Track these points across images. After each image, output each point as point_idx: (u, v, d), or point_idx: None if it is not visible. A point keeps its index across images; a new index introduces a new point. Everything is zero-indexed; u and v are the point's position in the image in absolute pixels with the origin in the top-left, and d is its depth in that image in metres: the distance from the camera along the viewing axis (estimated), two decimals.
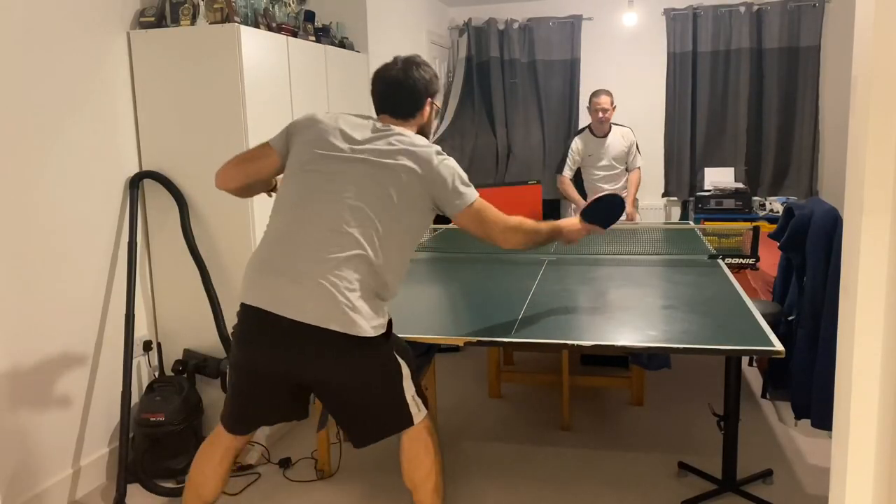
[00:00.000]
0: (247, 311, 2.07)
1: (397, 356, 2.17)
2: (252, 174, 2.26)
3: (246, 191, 2.33)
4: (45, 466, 2.80)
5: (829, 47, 5.81)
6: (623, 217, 4.96)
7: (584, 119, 6.35)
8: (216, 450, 2.25)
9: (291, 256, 2.04)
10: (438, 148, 2.18)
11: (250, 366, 2.12)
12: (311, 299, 1.98)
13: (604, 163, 4.97)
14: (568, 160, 5.13)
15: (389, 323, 2.17)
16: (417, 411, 2.21)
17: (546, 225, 2.37)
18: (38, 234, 2.74)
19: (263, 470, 3.11)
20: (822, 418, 3.01)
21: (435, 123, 2.43)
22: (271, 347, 2.05)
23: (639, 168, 5.05)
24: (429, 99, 2.28)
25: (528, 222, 2.28)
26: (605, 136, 4.95)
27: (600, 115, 4.83)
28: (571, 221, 2.49)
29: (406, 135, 2.17)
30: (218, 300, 3.20)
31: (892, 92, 1.10)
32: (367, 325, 2.02)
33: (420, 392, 2.25)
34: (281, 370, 2.08)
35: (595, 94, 4.89)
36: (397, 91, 2.23)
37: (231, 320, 3.26)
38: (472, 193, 2.17)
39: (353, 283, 2.01)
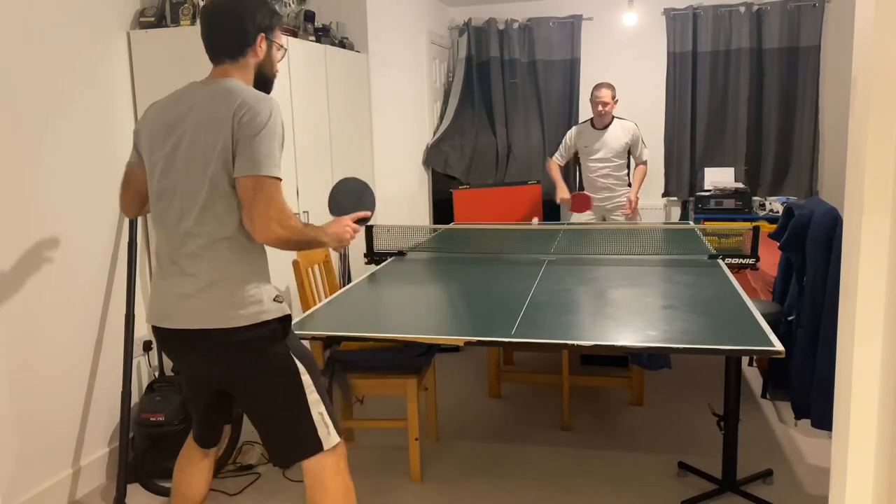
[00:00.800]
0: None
1: (296, 360, 2.00)
2: (139, 194, 2.10)
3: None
4: (46, 466, 2.79)
5: (829, 47, 5.81)
6: (625, 205, 4.99)
7: (584, 118, 6.36)
8: (194, 450, 2.23)
9: (157, 268, 2.03)
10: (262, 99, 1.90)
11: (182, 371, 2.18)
12: (176, 303, 1.94)
13: (600, 155, 4.97)
14: (560, 147, 5.16)
15: (283, 320, 2.00)
16: (327, 434, 2.01)
17: (311, 228, 2.05)
18: (37, 234, 2.74)
19: (263, 470, 3.11)
20: (822, 418, 3.01)
21: (277, 66, 2.10)
22: (175, 357, 2.08)
23: (646, 162, 5.05)
24: (261, 35, 2.00)
25: (297, 219, 1.96)
26: (605, 128, 4.95)
27: (599, 108, 4.86)
28: (329, 225, 2.14)
29: (225, 86, 1.93)
30: None
31: (892, 92, 1.10)
32: (231, 313, 1.90)
33: (331, 411, 2.05)
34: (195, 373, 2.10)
35: (596, 86, 4.93)
36: (212, 25, 1.98)
37: None
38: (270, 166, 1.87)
39: (202, 273, 1.91)
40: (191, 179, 1.91)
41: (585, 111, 6.33)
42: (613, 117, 4.97)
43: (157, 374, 3.32)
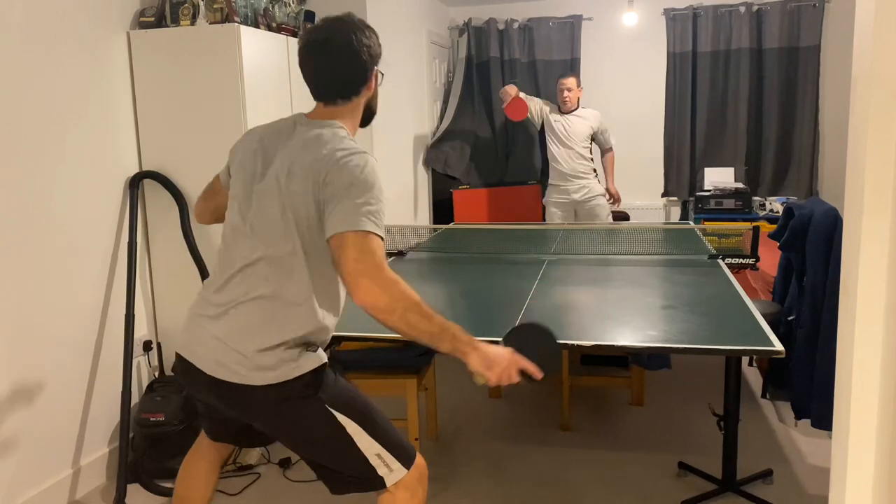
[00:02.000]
0: None
1: (334, 412, 1.78)
2: (218, 209, 2.04)
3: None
4: (46, 466, 2.80)
5: (829, 47, 5.81)
6: (607, 199, 5.09)
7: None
8: (201, 461, 2.13)
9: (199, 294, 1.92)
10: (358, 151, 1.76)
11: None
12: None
13: (565, 139, 5.11)
14: (539, 101, 5.29)
15: (317, 374, 1.79)
16: (388, 472, 1.83)
17: (446, 323, 1.81)
18: (37, 234, 2.74)
19: (263, 470, 3.11)
20: (822, 418, 3.01)
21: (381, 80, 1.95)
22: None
23: (611, 148, 5.24)
24: (375, 68, 1.86)
25: (421, 303, 1.74)
26: (570, 113, 5.12)
27: (565, 94, 5.05)
28: (494, 349, 1.86)
29: (321, 135, 1.77)
30: None
31: (892, 92, 1.10)
32: (258, 372, 1.73)
33: (396, 445, 1.85)
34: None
35: (562, 74, 5.18)
36: (326, 63, 1.79)
37: None
38: (366, 223, 1.66)
39: (247, 328, 1.75)
40: (263, 226, 1.76)
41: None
42: (578, 105, 5.14)
43: (157, 374, 3.32)
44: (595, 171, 5.18)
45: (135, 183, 3.17)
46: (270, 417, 1.79)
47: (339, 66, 1.79)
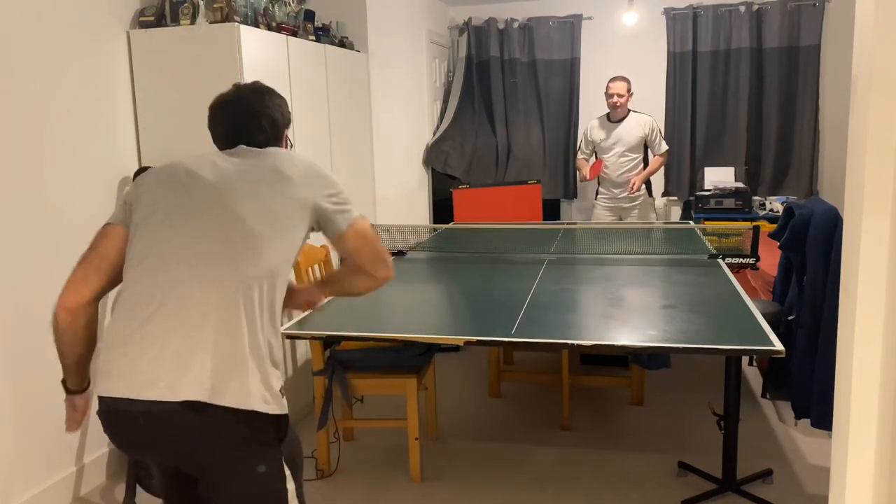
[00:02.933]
0: None
1: (286, 470, 1.65)
2: (115, 269, 1.85)
3: None
4: (49, 463, 2.79)
5: (829, 47, 5.81)
6: (637, 206, 4.99)
7: (584, 119, 6.36)
8: None
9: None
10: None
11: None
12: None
13: (617, 150, 4.99)
14: (581, 143, 5.21)
15: (279, 418, 1.63)
16: None
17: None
18: (37, 233, 2.74)
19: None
20: (822, 418, 3.01)
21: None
22: None
23: (665, 153, 5.11)
24: (286, 132, 1.90)
25: None
26: (620, 121, 4.96)
27: (614, 100, 4.88)
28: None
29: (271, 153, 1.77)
30: None
31: (892, 92, 1.10)
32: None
33: None
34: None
35: (611, 79, 4.96)
36: (250, 118, 1.81)
37: None
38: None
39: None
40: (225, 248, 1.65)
41: (585, 111, 6.34)
42: (630, 111, 4.97)
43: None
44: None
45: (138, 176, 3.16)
46: (222, 458, 1.58)
47: (256, 125, 1.82)
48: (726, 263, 3.34)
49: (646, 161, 5.15)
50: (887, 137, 1.11)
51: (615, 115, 4.96)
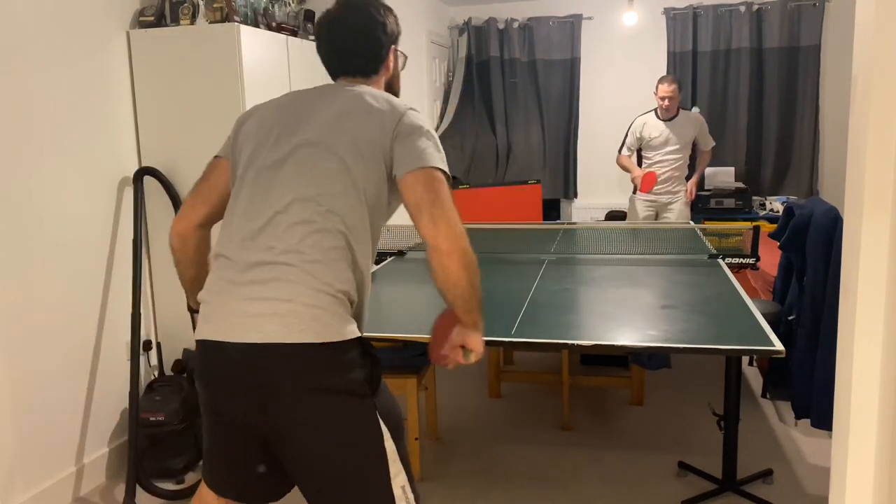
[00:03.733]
0: None
1: (381, 423, 1.58)
2: (218, 204, 1.80)
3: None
4: (49, 463, 2.79)
5: (829, 47, 5.81)
6: (678, 200, 4.97)
7: (584, 118, 6.37)
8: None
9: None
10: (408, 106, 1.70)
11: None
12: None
13: (668, 148, 4.96)
14: (626, 139, 5.11)
15: (372, 367, 1.59)
16: None
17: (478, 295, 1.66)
18: (36, 233, 2.74)
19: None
20: (822, 418, 3.01)
21: (403, 62, 1.91)
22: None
23: (710, 150, 5.11)
24: (392, 46, 1.81)
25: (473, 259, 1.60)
26: (671, 119, 4.95)
27: (666, 102, 4.87)
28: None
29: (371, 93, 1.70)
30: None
31: (892, 92, 1.10)
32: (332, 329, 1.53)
33: (413, 479, 1.65)
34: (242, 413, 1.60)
35: (660, 80, 4.93)
36: (340, 40, 1.76)
37: None
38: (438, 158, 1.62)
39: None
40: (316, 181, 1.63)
41: (586, 111, 6.35)
42: (679, 109, 4.97)
43: (156, 373, 3.32)
44: (688, 176, 5.09)
45: (138, 178, 3.16)
46: (313, 411, 1.52)
47: (355, 42, 1.75)
48: (726, 263, 3.34)
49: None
50: (887, 137, 1.11)
51: (665, 114, 4.94)
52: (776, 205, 5.67)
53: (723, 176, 5.91)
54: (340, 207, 1.57)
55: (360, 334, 1.59)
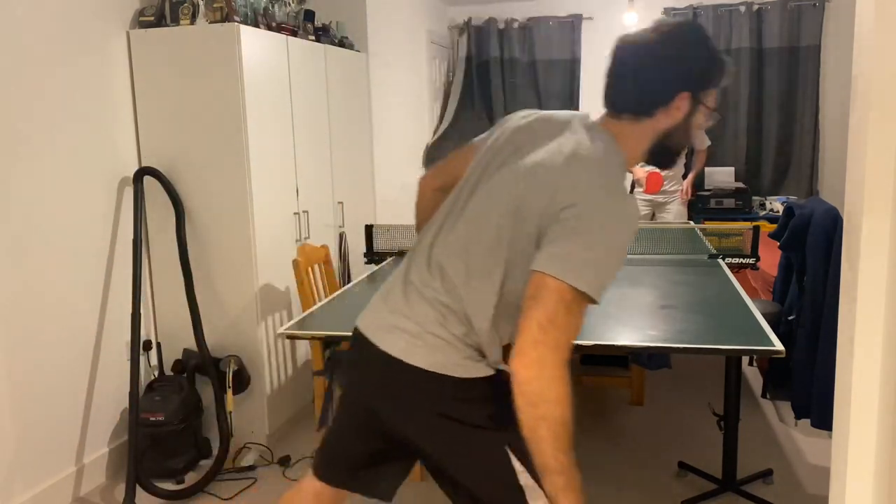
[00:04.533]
0: None
1: (511, 454, 1.53)
2: (450, 179, 1.77)
3: None
4: (49, 463, 2.79)
5: (829, 47, 5.81)
6: (673, 200, 4.93)
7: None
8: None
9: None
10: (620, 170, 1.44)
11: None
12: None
13: None
14: None
15: (504, 401, 1.46)
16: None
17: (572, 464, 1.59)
18: (37, 233, 2.74)
19: (263, 469, 3.11)
20: (822, 418, 3.01)
21: (695, 137, 1.60)
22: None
23: (707, 148, 5.09)
24: (684, 93, 1.43)
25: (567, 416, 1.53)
26: None
27: None
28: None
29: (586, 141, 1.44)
30: (199, 311, 3.18)
31: (892, 92, 1.10)
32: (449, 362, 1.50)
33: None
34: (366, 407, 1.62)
35: None
36: (623, 64, 1.46)
37: (237, 325, 3.26)
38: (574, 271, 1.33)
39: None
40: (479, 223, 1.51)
41: (586, 111, 6.34)
42: None
43: (156, 373, 3.32)
44: (683, 175, 5.07)
45: (138, 178, 3.16)
46: (438, 436, 1.53)
47: (637, 73, 1.45)
48: (726, 263, 3.34)
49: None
50: (887, 137, 1.11)
51: None
52: (776, 205, 5.67)
53: (723, 176, 5.90)
54: None
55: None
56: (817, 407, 3.02)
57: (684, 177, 5.09)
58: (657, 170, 4.88)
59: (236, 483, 2.99)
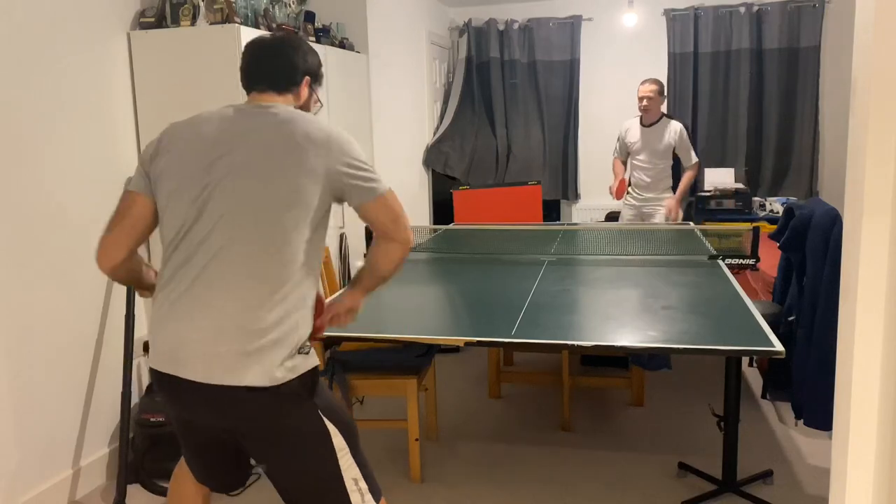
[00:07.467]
0: None
1: (325, 420, 1.76)
2: (138, 230, 1.82)
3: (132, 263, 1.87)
4: (46, 466, 2.79)
5: (829, 47, 5.81)
6: (660, 211, 4.82)
7: (584, 120, 6.38)
8: (187, 490, 2.02)
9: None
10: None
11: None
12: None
13: (644, 155, 4.83)
14: (616, 143, 5.03)
15: (312, 375, 1.75)
16: (361, 502, 1.79)
17: None
18: (37, 234, 2.74)
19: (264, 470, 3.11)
20: (815, 417, 3.00)
21: (316, 108, 2.04)
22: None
23: (694, 165, 4.86)
24: (307, 78, 1.91)
25: None
26: (651, 126, 4.79)
27: (644, 103, 4.71)
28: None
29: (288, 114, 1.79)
30: None
31: (892, 92, 1.10)
32: (262, 371, 1.66)
33: (371, 475, 1.85)
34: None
35: (641, 82, 4.78)
36: (261, 56, 1.86)
37: None
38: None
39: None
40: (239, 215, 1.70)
41: (585, 112, 6.35)
42: (662, 115, 4.81)
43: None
44: (672, 187, 4.90)
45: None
46: (263, 417, 1.70)
47: (273, 61, 1.86)
48: (726, 264, 3.34)
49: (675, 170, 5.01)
50: (887, 137, 1.11)
51: (646, 119, 4.79)
52: (776, 206, 5.67)
53: (722, 177, 5.91)
54: None
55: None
56: (809, 406, 3.02)
57: (674, 189, 4.97)
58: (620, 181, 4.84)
59: None
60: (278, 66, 1.85)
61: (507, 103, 6.40)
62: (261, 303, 1.65)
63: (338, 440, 1.77)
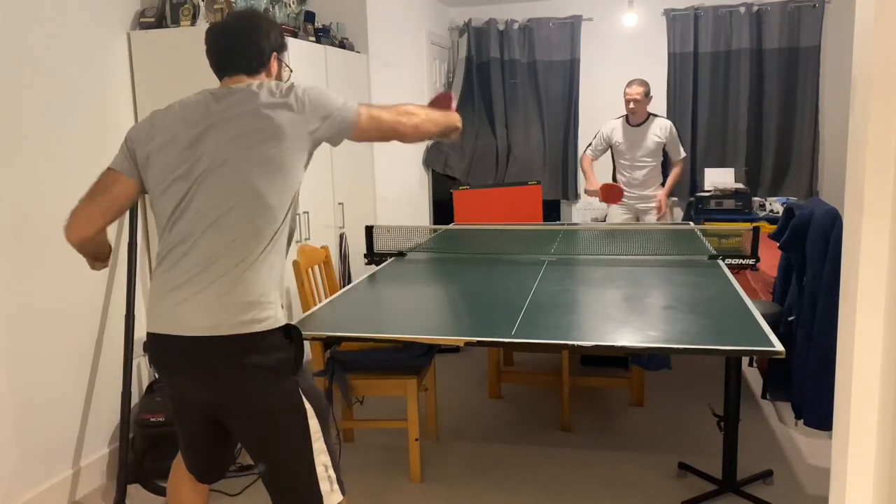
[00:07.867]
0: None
1: (304, 400, 1.84)
2: (114, 206, 1.93)
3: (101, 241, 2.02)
4: (46, 467, 2.79)
5: (829, 47, 5.81)
6: (653, 208, 4.83)
7: (584, 120, 6.37)
8: (184, 484, 2.08)
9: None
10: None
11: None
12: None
13: (633, 154, 4.83)
14: (594, 141, 5.00)
15: (298, 353, 1.86)
16: (329, 490, 1.85)
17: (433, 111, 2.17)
18: (37, 234, 2.74)
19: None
20: (815, 417, 3.00)
21: (287, 74, 2.12)
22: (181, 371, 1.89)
23: (681, 160, 4.89)
24: (274, 53, 1.98)
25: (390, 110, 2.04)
26: (639, 125, 4.81)
27: (631, 105, 4.72)
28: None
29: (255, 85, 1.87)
30: None
31: (892, 92, 1.10)
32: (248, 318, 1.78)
33: (338, 465, 1.91)
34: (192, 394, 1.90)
35: (628, 83, 4.79)
36: (225, 43, 1.92)
37: None
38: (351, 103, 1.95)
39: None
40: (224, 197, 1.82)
41: (585, 112, 6.35)
42: (649, 115, 4.83)
43: (156, 374, 3.32)
44: (662, 184, 4.91)
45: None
46: (245, 389, 1.80)
47: (239, 46, 1.92)
48: (726, 264, 3.34)
49: (663, 165, 5.02)
50: (887, 137, 1.11)
51: (634, 119, 4.80)
52: (776, 205, 5.67)
53: (722, 176, 5.91)
54: None
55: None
56: (808, 405, 3.02)
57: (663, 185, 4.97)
58: (618, 185, 4.83)
59: (242, 479, 2.99)
60: (245, 51, 1.92)
61: (507, 103, 6.40)
62: (248, 264, 1.78)
63: (313, 422, 1.84)
